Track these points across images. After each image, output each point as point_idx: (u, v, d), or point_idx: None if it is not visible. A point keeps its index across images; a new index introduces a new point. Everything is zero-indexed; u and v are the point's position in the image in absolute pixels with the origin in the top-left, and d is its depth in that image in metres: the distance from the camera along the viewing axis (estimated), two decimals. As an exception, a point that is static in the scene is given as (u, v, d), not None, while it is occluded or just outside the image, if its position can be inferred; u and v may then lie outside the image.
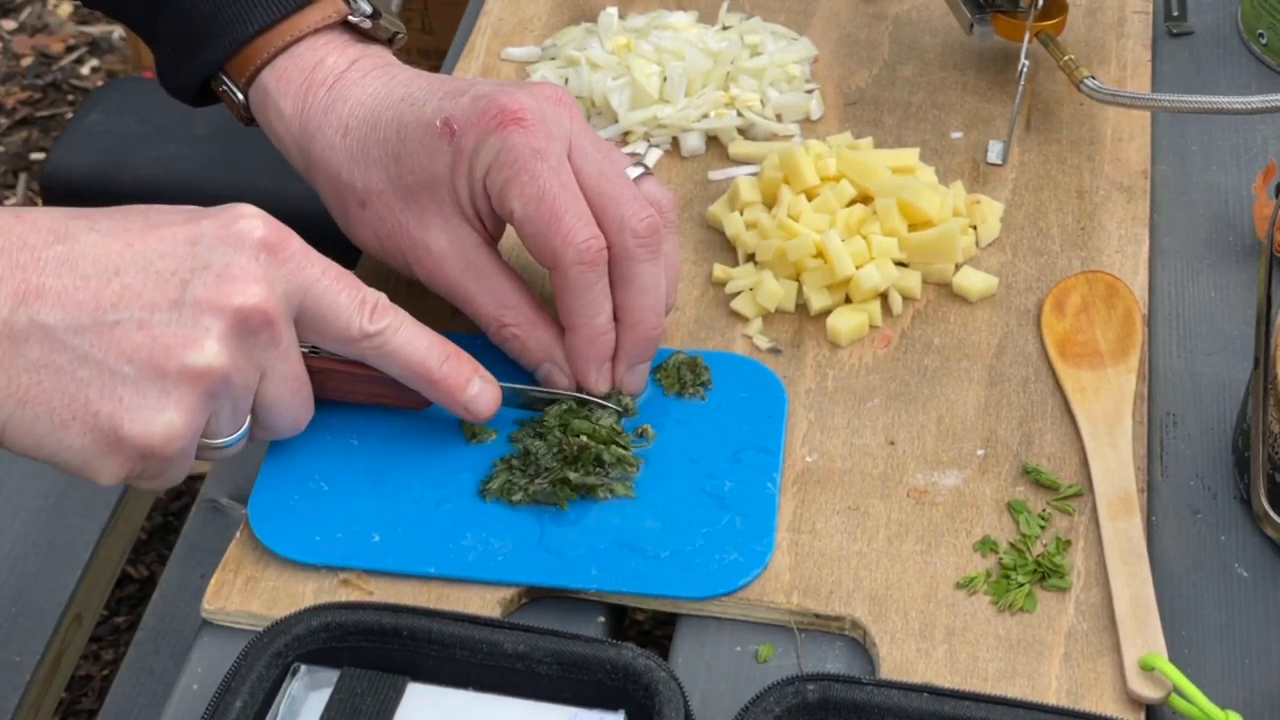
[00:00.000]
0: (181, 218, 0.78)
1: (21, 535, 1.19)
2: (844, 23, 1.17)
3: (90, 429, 0.75)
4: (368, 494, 0.86)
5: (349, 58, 0.91)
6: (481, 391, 0.85)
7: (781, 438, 0.89)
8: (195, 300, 0.76)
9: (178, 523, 1.91)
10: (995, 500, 0.87)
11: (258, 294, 0.77)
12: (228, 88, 0.93)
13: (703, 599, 0.83)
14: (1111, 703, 0.78)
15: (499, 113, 0.85)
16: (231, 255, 0.77)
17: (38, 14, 2.73)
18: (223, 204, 0.79)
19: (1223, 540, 0.86)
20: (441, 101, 0.87)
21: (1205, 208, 1.04)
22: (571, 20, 1.16)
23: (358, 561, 0.83)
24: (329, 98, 0.90)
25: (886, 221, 0.97)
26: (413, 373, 0.84)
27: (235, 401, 0.79)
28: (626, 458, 0.86)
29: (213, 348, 0.76)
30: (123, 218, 0.78)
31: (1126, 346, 0.94)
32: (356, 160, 0.89)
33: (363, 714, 0.75)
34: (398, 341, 0.83)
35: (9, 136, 2.52)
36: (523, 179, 0.84)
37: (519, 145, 0.84)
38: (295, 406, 0.83)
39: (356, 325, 0.81)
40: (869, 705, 0.74)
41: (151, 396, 0.75)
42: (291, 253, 0.79)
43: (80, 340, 0.74)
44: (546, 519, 0.85)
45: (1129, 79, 1.12)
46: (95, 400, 0.75)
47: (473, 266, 0.88)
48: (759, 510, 0.85)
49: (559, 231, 0.84)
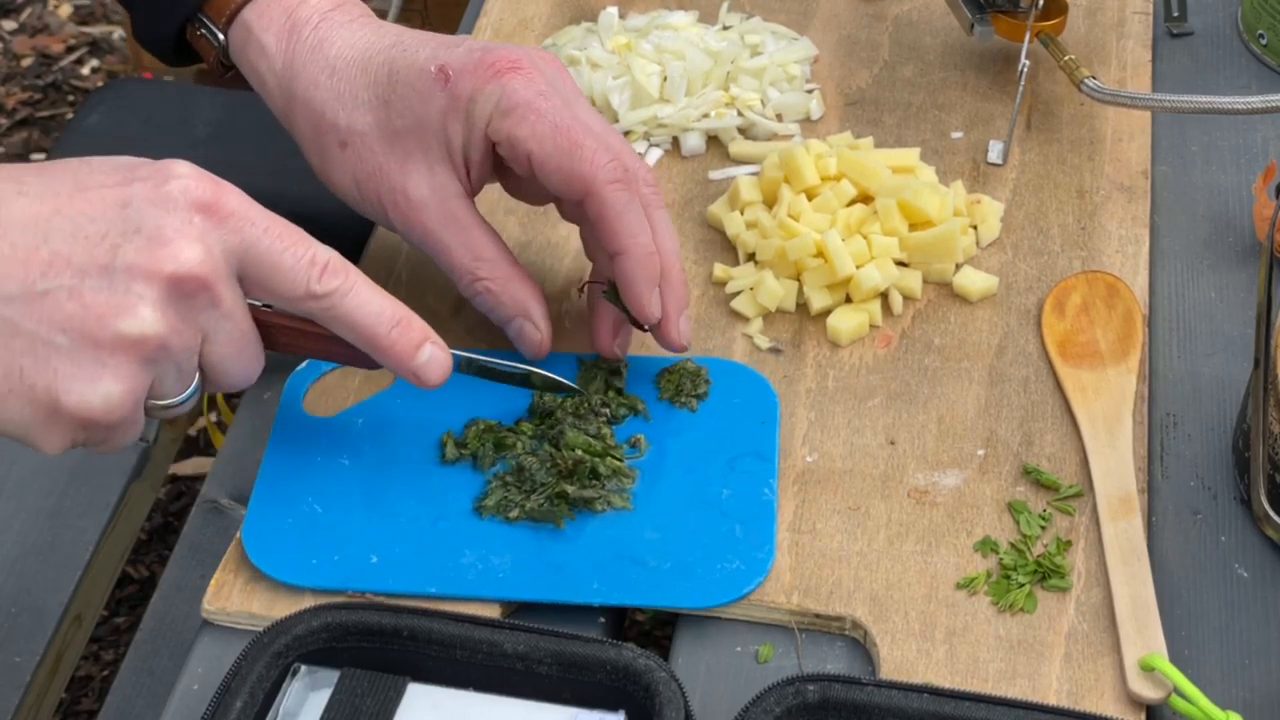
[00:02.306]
0: (113, 178, 0.75)
1: (22, 535, 1.19)
2: (844, 23, 1.17)
3: (28, 401, 0.73)
4: (362, 515, 0.86)
5: (332, 1, 0.91)
6: (432, 358, 0.83)
7: (776, 443, 0.89)
8: (127, 266, 0.73)
9: (178, 523, 1.91)
10: (995, 500, 0.87)
11: (192, 257, 0.74)
12: (206, 31, 0.92)
13: (708, 608, 0.82)
14: (1112, 703, 0.78)
15: (496, 61, 0.85)
16: (163, 217, 0.74)
17: (38, 14, 2.73)
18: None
19: (1223, 541, 0.86)
20: (435, 50, 0.87)
21: (1205, 208, 1.04)
22: (572, 20, 1.16)
23: (357, 584, 0.83)
24: (315, 37, 0.90)
25: (887, 221, 0.97)
26: (361, 336, 0.81)
27: (179, 364, 0.77)
28: (622, 469, 0.86)
29: (147, 314, 0.74)
30: (53, 178, 0.75)
31: (1127, 347, 0.94)
32: (343, 100, 0.88)
33: (363, 714, 0.75)
34: (348, 305, 0.80)
35: (9, 137, 2.52)
36: (531, 119, 0.84)
37: (520, 89, 0.85)
38: (244, 363, 0.80)
39: (303, 285, 0.78)
40: (869, 706, 0.74)
41: (87, 366, 0.73)
42: (230, 211, 0.76)
43: (11, 311, 0.72)
44: (545, 534, 0.85)
45: (1129, 79, 1.12)
46: (30, 372, 0.73)
47: (451, 217, 0.88)
48: (758, 517, 0.85)
49: (584, 157, 0.85)
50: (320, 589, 0.83)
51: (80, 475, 1.22)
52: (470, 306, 0.91)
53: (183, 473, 1.97)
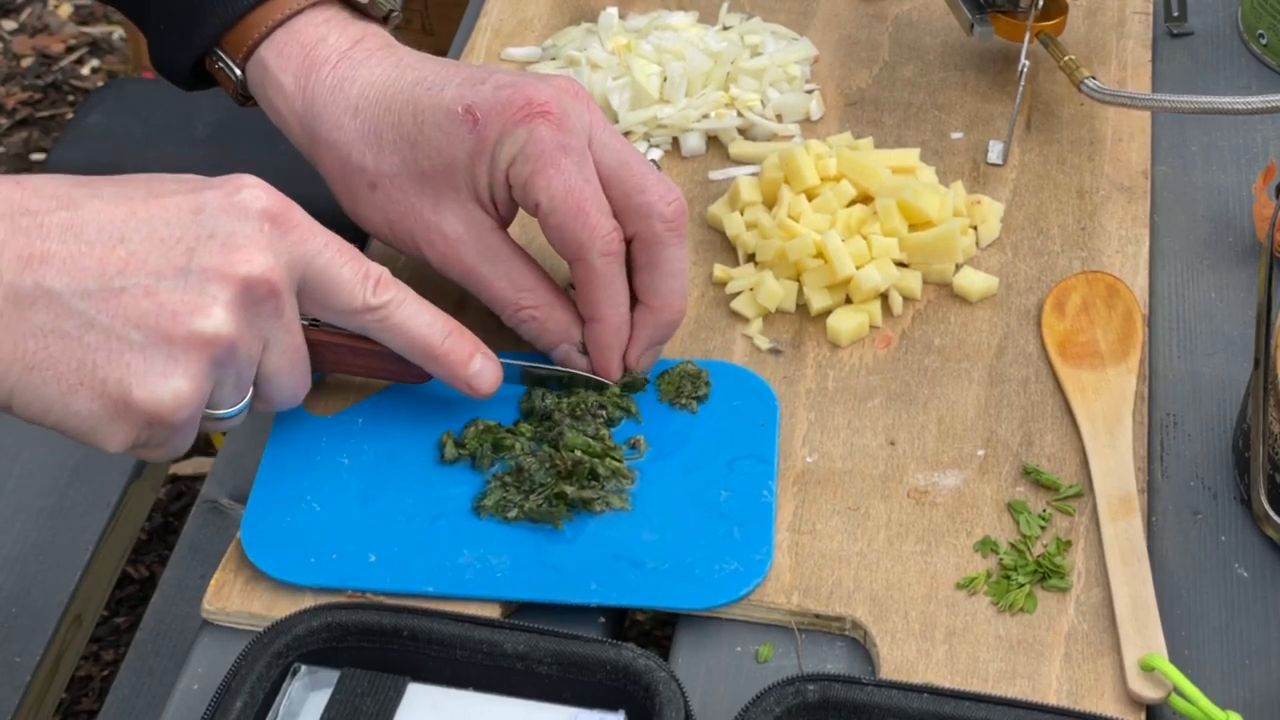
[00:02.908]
0: (185, 186, 0.78)
1: (22, 535, 1.19)
2: (844, 23, 1.17)
3: (98, 395, 0.75)
4: (361, 514, 0.86)
5: (351, 37, 0.91)
6: (484, 368, 0.85)
7: (775, 445, 0.89)
8: (202, 268, 0.75)
9: (178, 523, 1.91)
10: (995, 501, 0.87)
11: (263, 263, 0.77)
12: (224, 65, 0.92)
13: (705, 610, 0.82)
14: (1112, 703, 0.78)
15: (525, 104, 0.85)
16: (236, 224, 0.77)
17: (38, 14, 2.73)
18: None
19: (1223, 541, 0.86)
20: (460, 88, 0.87)
21: (1205, 208, 1.04)
22: (572, 20, 1.16)
23: (355, 583, 0.83)
24: (334, 77, 0.90)
25: (887, 222, 0.97)
26: (415, 348, 0.84)
27: (239, 371, 0.79)
28: (621, 470, 0.86)
29: (220, 315, 0.76)
30: (126, 185, 0.77)
31: (1127, 347, 0.94)
32: (368, 142, 0.89)
33: (363, 714, 0.75)
34: (401, 316, 0.83)
35: (9, 137, 2.52)
36: (549, 173, 0.85)
37: (545, 138, 0.84)
38: (295, 378, 0.82)
39: (360, 298, 0.81)
40: (869, 706, 0.74)
41: (159, 363, 0.75)
42: (295, 223, 0.79)
43: (87, 305, 0.74)
44: (543, 534, 0.84)
45: (1129, 79, 1.12)
46: (103, 366, 0.74)
47: (489, 250, 0.88)
48: (756, 519, 0.85)
49: (586, 225, 0.85)
50: (318, 587, 0.83)
51: (80, 475, 1.22)
52: (474, 305, 0.92)
53: (183, 473, 1.97)
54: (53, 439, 1.22)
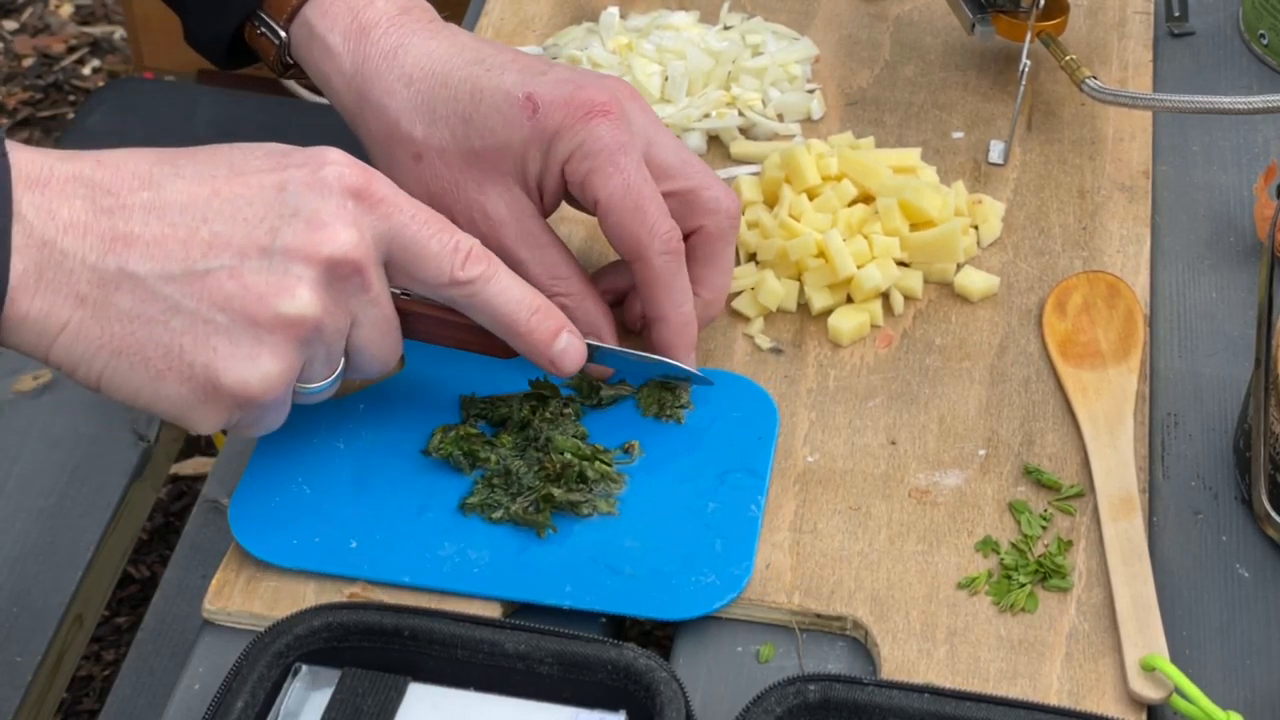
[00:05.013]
0: (268, 163, 0.77)
1: (23, 535, 1.19)
2: (845, 23, 1.17)
3: (187, 379, 0.75)
4: (349, 499, 0.85)
5: (399, 5, 0.91)
6: (569, 346, 0.84)
7: (770, 461, 0.88)
8: (285, 248, 0.75)
9: (179, 523, 1.91)
10: (996, 500, 0.87)
11: (348, 241, 0.76)
12: (266, 30, 0.92)
13: (675, 621, 0.82)
14: (1113, 703, 0.78)
15: (587, 102, 0.85)
16: (319, 201, 0.76)
17: (39, 14, 2.73)
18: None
19: (1224, 540, 0.86)
20: (522, 75, 0.87)
21: (1206, 208, 1.04)
22: (573, 20, 1.16)
23: (333, 567, 0.83)
24: (387, 42, 0.89)
25: (888, 221, 0.97)
26: (501, 323, 0.83)
27: (328, 348, 0.79)
28: (610, 474, 0.86)
29: (305, 295, 0.75)
30: (208, 163, 0.77)
31: (1128, 347, 0.94)
32: (420, 112, 0.88)
33: (364, 714, 0.75)
34: (490, 291, 0.81)
35: (10, 137, 2.52)
36: (609, 170, 0.85)
37: (605, 137, 0.85)
38: (385, 349, 0.82)
39: (447, 272, 0.80)
40: (870, 705, 0.74)
41: (246, 345, 0.75)
42: (381, 197, 0.78)
43: (172, 290, 0.74)
44: (527, 534, 0.84)
45: (1130, 79, 1.12)
46: (190, 350, 0.74)
47: (528, 234, 0.89)
48: (740, 533, 0.84)
49: (645, 223, 0.86)
50: (295, 569, 0.83)
51: (81, 475, 1.22)
52: None
53: (183, 473, 1.97)
54: (53, 439, 1.22)
